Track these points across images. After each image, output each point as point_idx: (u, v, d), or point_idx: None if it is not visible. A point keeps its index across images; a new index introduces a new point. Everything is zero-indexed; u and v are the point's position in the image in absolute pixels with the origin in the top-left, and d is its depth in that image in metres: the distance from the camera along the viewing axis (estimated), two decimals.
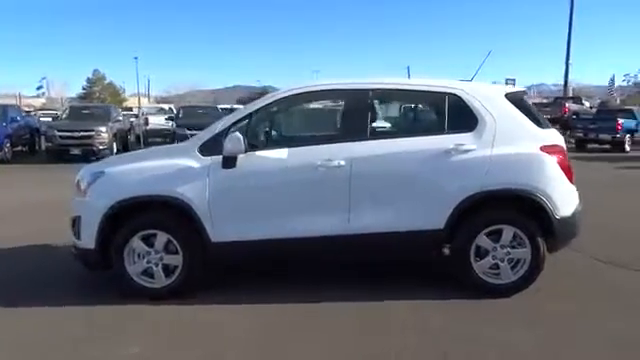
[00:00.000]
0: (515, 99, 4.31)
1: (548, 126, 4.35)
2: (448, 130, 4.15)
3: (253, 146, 4.13)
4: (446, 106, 4.20)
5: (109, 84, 60.74)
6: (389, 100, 4.72)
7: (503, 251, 4.09)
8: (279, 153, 4.13)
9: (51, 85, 68.33)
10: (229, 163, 4.04)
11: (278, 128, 5.23)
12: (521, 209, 4.11)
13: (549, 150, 4.13)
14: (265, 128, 4.87)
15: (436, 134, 4.16)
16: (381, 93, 4.37)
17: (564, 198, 4.13)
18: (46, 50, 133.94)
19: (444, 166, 4.05)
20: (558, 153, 4.17)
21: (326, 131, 5.11)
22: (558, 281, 4.41)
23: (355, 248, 4.15)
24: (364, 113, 4.21)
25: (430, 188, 4.06)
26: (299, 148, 4.20)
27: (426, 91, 4.32)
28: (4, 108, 15.95)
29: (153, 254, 4.12)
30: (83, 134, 14.95)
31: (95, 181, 4.19)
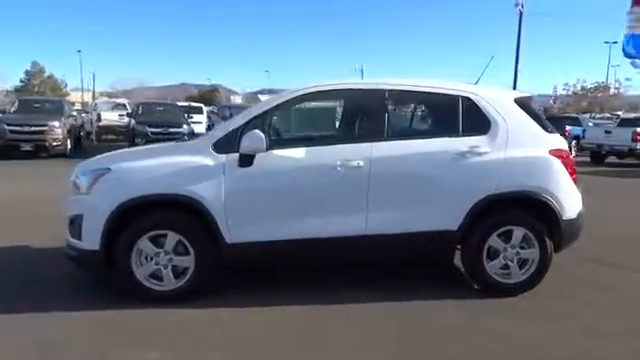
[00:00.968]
0: (523, 104, 4.43)
1: (553, 131, 4.50)
2: (463, 133, 4.21)
3: (270, 144, 4.02)
4: (460, 109, 4.26)
5: (49, 77, 57.63)
6: (405, 101, 4.74)
7: (513, 251, 4.20)
8: (297, 152, 4.05)
9: None
10: (246, 161, 3.93)
11: (295, 126, 5.13)
12: (530, 210, 4.23)
13: (556, 154, 4.28)
14: (282, 126, 4.77)
15: (451, 136, 4.21)
16: (397, 94, 4.37)
17: (570, 200, 4.29)
18: None
19: (460, 168, 4.11)
20: (564, 157, 4.33)
21: (342, 131, 5.08)
22: (558, 281, 4.56)
23: (372, 249, 4.13)
24: (381, 113, 4.21)
25: (446, 189, 4.10)
26: (317, 147, 4.15)
27: (441, 93, 4.36)
28: None
29: (162, 255, 3.94)
30: (35, 129, 14.10)
31: (100, 178, 3.96)
